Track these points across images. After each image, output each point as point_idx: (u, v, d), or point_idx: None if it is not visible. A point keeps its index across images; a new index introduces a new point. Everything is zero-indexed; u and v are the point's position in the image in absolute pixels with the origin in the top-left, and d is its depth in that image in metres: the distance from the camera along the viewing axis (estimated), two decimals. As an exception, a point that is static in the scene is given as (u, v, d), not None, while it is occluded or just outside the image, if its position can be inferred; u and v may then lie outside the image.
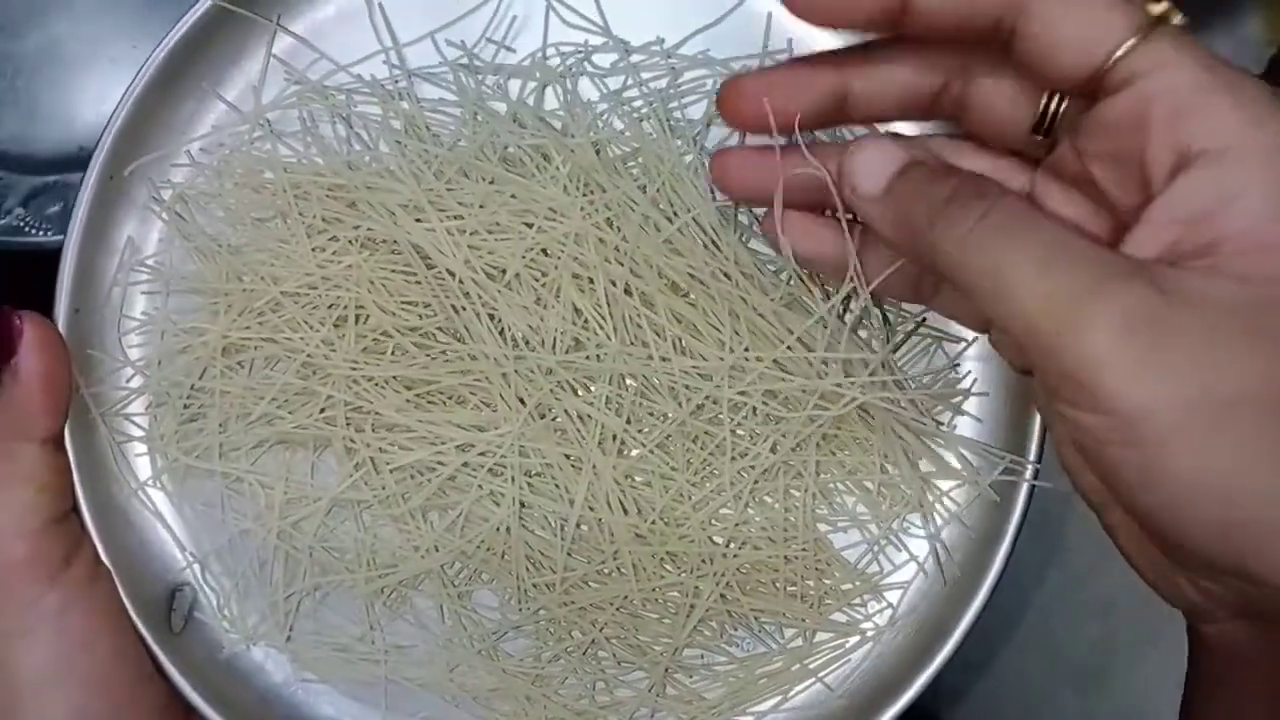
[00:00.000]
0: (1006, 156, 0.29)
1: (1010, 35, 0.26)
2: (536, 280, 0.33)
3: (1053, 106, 0.27)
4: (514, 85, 0.35)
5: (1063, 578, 0.48)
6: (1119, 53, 0.25)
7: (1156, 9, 0.25)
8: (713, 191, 0.33)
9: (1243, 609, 0.25)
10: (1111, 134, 0.26)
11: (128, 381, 0.34)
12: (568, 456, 0.33)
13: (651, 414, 0.34)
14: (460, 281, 0.33)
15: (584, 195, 0.33)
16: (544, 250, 0.33)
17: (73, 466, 0.33)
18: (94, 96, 0.42)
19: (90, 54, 0.43)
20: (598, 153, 0.33)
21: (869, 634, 0.35)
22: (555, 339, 0.33)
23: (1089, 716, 0.48)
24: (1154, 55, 0.24)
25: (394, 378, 0.34)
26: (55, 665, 0.31)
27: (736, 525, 0.34)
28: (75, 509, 0.33)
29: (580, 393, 0.34)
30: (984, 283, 0.24)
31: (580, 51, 0.35)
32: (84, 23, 0.43)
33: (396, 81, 0.34)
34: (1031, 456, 0.34)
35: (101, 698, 0.32)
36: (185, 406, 0.34)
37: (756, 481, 0.33)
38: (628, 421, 0.34)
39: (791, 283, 0.33)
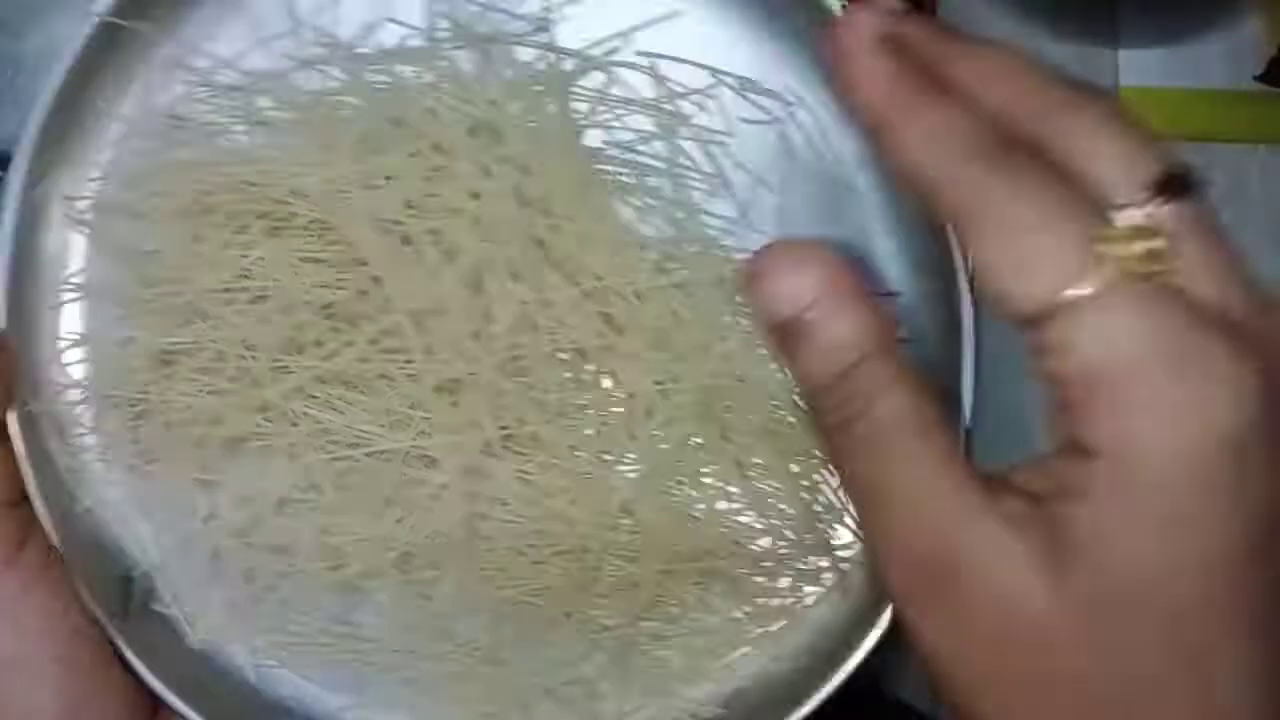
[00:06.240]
0: None
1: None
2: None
3: None
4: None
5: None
6: (1062, 299, 0.22)
7: (1123, 251, 0.21)
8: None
9: None
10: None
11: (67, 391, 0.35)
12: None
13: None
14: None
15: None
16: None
17: (24, 458, 0.33)
18: (94, 97, 0.43)
19: (90, 54, 0.43)
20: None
21: (817, 597, 0.33)
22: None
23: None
24: (1096, 328, 0.21)
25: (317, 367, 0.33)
26: (24, 647, 0.32)
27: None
28: (26, 499, 0.33)
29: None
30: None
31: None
32: (84, 23, 0.43)
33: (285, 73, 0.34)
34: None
35: (73, 679, 0.32)
36: (129, 411, 0.34)
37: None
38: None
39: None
